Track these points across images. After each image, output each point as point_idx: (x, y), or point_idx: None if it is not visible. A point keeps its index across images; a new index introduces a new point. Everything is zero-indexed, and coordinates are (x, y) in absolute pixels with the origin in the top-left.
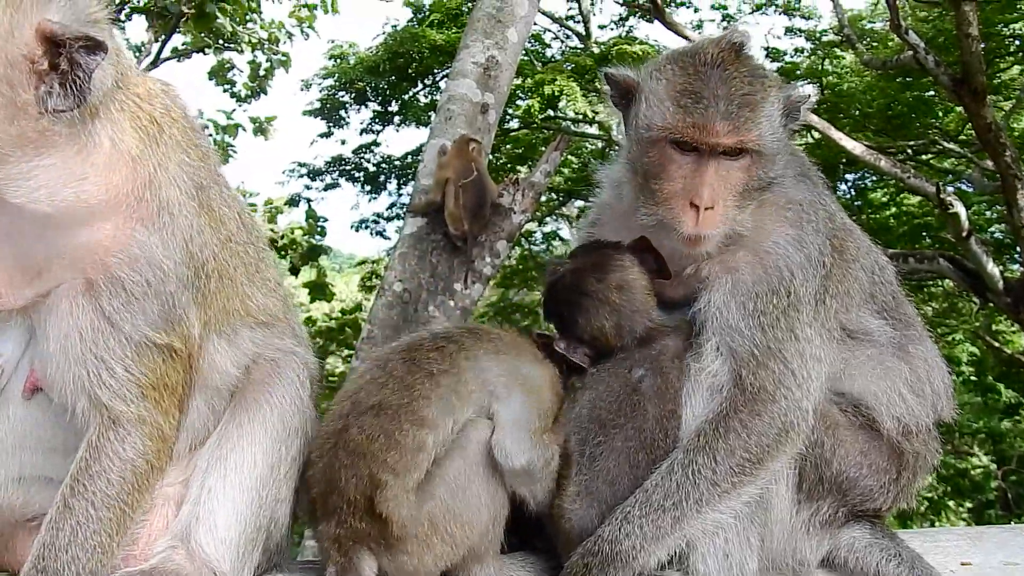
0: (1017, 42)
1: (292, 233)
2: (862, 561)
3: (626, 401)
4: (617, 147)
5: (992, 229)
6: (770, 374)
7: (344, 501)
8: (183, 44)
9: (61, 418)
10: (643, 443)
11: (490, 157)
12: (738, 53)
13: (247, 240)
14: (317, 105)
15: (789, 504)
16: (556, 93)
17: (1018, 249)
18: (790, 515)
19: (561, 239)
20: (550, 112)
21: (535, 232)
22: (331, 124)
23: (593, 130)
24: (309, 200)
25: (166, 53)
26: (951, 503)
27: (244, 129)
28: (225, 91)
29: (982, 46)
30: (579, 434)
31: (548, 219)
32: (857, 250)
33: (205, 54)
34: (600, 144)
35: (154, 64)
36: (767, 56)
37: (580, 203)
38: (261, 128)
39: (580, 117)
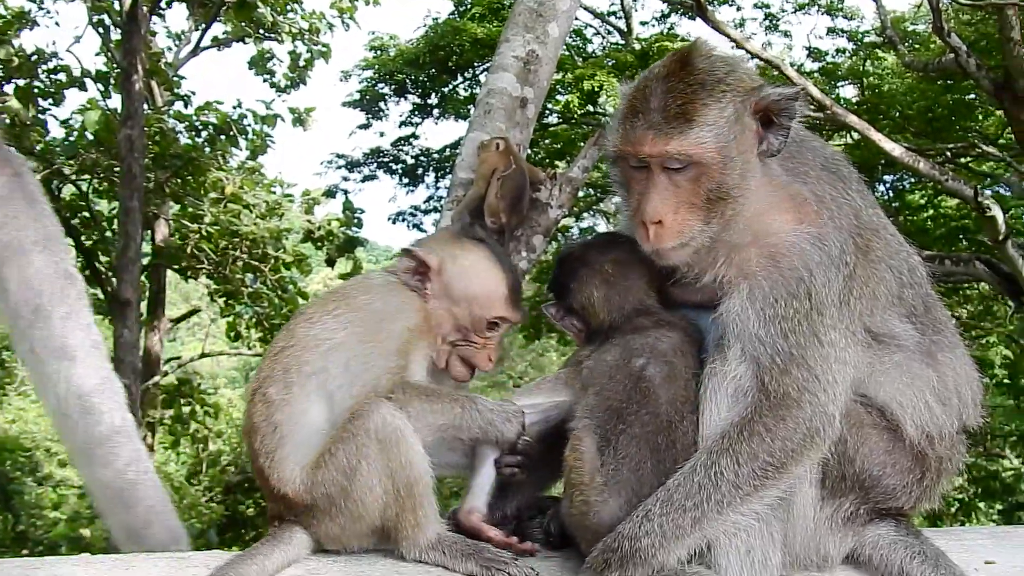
0: None
1: (329, 224)
2: (886, 558)
3: (634, 389)
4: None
5: None
6: (794, 380)
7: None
8: (223, 33)
9: None
10: (660, 427)
11: (528, 152)
12: (685, 63)
13: None
14: (356, 96)
15: (812, 500)
16: (596, 89)
17: None
18: (813, 511)
19: None
20: (590, 108)
21: (572, 227)
22: (370, 116)
23: None
24: (346, 192)
25: (206, 42)
26: (981, 504)
27: (283, 119)
28: (265, 81)
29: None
30: (598, 427)
31: (585, 215)
32: (884, 249)
33: (245, 43)
34: None
35: (194, 53)
36: (809, 55)
37: (618, 199)
38: (300, 119)
39: None
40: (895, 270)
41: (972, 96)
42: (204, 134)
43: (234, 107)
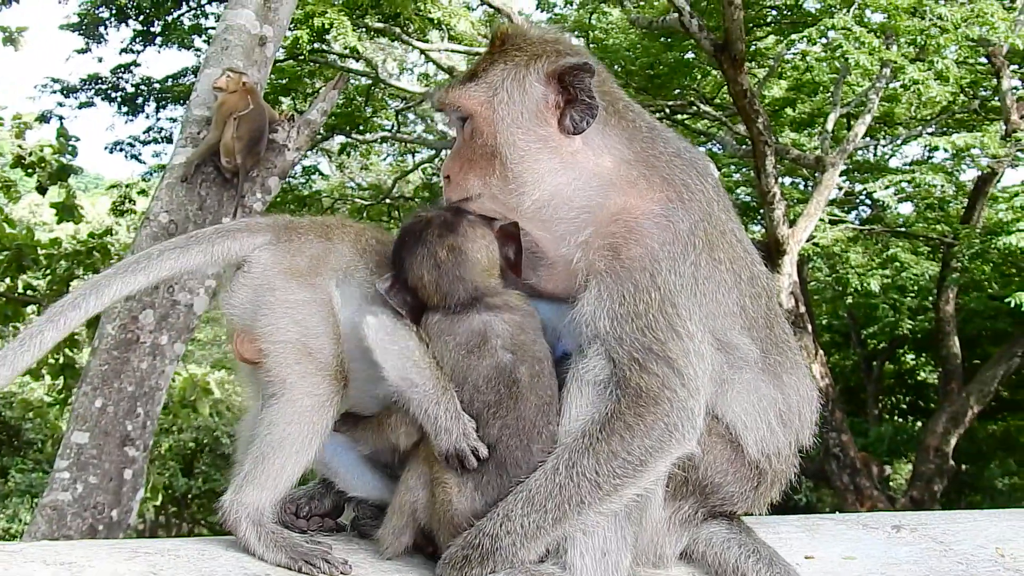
0: (774, 12)
1: (41, 151)
2: (720, 556)
3: (506, 394)
4: None
5: (739, 191)
6: (653, 377)
7: None
8: None
9: None
10: (524, 430)
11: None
12: (504, 37)
13: None
14: (75, 19)
15: (660, 503)
16: (326, 26)
17: (762, 212)
18: (656, 513)
19: (321, 174)
20: (318, 45)
21: (295, 165)
22: (89, 40)
23: (360, 66)
24: (61, 118)
25: None
26: None
27: None
28: None
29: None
30: None
31: (309, 153)
32: (728, 252)
33: None
34: (366, 81)
35: None
36: (538, 7)
37: (341, 139)
38: (11, 38)
39: (348, 52)
40: (738, 275)
41: (691, 55)
42: None
43: None
